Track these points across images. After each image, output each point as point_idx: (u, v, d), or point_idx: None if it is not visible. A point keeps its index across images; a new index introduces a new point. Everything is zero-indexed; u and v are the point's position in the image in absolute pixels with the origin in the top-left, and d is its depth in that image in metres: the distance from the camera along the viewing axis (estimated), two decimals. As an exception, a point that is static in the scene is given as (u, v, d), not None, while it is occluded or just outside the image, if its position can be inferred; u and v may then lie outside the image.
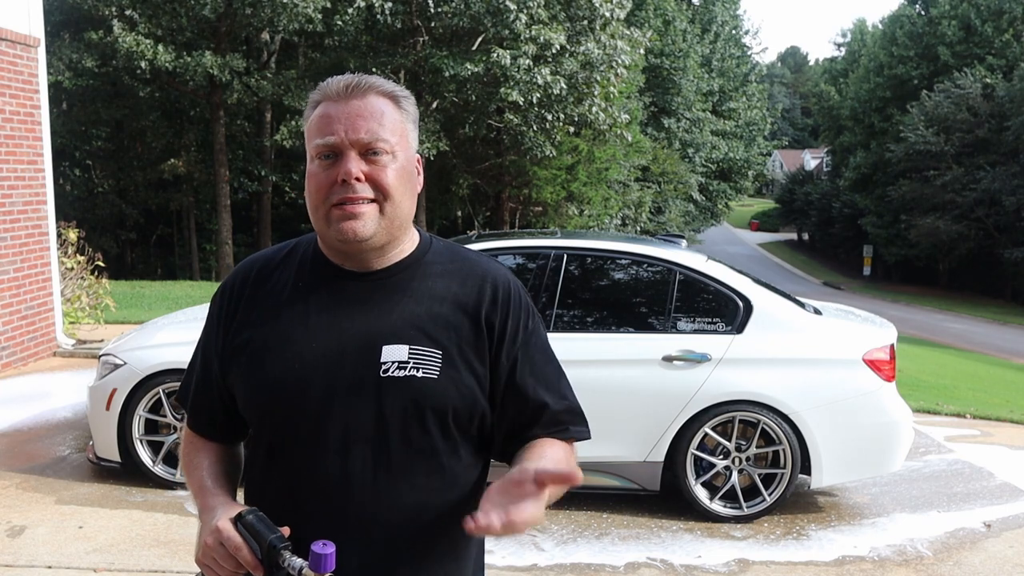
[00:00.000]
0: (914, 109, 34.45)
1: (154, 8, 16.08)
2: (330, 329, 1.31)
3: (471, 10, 15.89)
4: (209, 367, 1.41)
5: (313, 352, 1.30)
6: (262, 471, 1.37)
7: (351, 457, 1.28)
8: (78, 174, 22.51)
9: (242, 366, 1.34)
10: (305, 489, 1.30)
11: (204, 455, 1.43)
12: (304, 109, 1.38)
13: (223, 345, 1.38)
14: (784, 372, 4.43)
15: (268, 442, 1.35)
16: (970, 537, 4.45)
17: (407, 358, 1.28)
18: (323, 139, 1.27)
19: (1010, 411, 8.36)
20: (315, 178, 1.28)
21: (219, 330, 1.39)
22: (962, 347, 19.13)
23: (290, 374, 1.30)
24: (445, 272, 1.37)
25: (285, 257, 1.41)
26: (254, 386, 1.33)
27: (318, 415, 1.29)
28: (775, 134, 50.29)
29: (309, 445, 1.29)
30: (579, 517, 4.48)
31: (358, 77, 1.31)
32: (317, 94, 1.32)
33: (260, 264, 1.42)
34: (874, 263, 41.73)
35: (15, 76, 7.24)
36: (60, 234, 8.51)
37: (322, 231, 1.31)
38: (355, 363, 1.29)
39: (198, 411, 1.45)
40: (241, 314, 1.37)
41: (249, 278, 1.40)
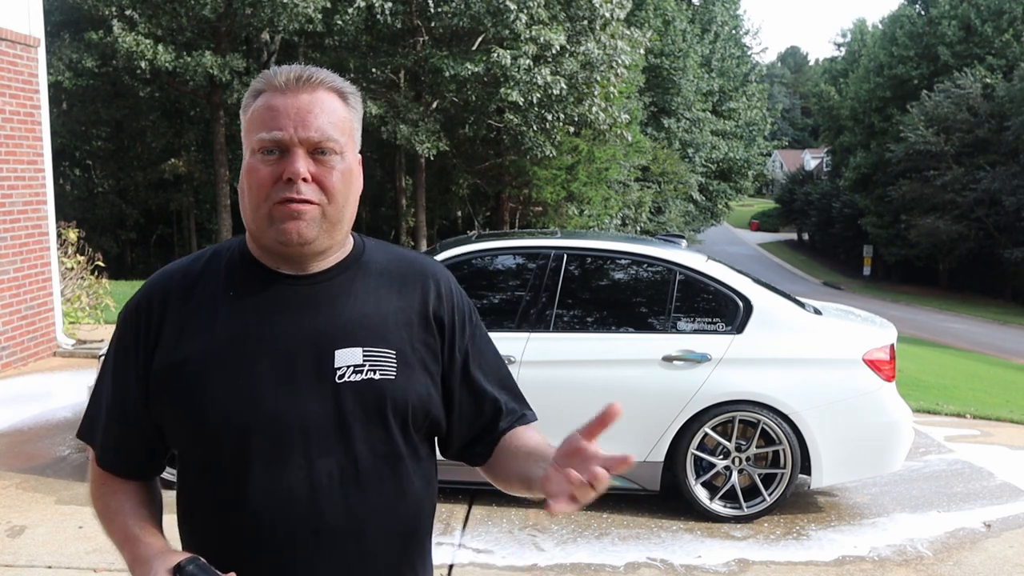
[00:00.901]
0: (914, 109, 34.45)
1: (154, 8, 16.08)
2: (276, 339, 1.21)
3: (471, 10, 15.89)
4: (125, 397, 1.26)
5: (261, 365, 1.20)
6: (205, 504, 1.24)
7: (316, 471, 1.20)
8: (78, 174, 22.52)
9: (177, 391, 1.21)
10: (269, 512, 1.20)
11: (123, 497, 1.29)
12: None
13: (145, 371, 1.24)
14: (784, 372, 4.44)
15: (215, 470, 1.22)
16: (970, 537, 4.45)
17: (362, 360, 1.23)
18: (269, 133, 1.18)
19: (1010, 411, 8.36)
20: (256, 174, 1.18)
21: (137, 355, 1.24)
22: (962, 347, 19.13)
23: (239, 392, 1.19)
24: (385, 271, 1.32)
25: (206, 266, 1.28)
26: (196, 411, 1.20)
27: (276, 431, 1.19)
28: (775, 134, 50.28)
29: (270, 465, 1.19)
30: (579, 517, 4.48)
31: (307, 69, 1.22)
32: (260, 82, 1.23)
33: (179, 276, 1.28)
34: (874, 263, 41.73)
35: (15, 76, 7.24)
36: (60, 234, 8.51)
37: (259, 232, 1.21)
38: (308, 371, 1.21)
39: (112, 448, 1.29)
40: (167, 334, 1.23)
41: (170, 293, 1.26)
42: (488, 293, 4.82)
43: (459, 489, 4.68)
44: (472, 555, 3.97)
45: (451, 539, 4.14)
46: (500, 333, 4.48)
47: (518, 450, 1.33)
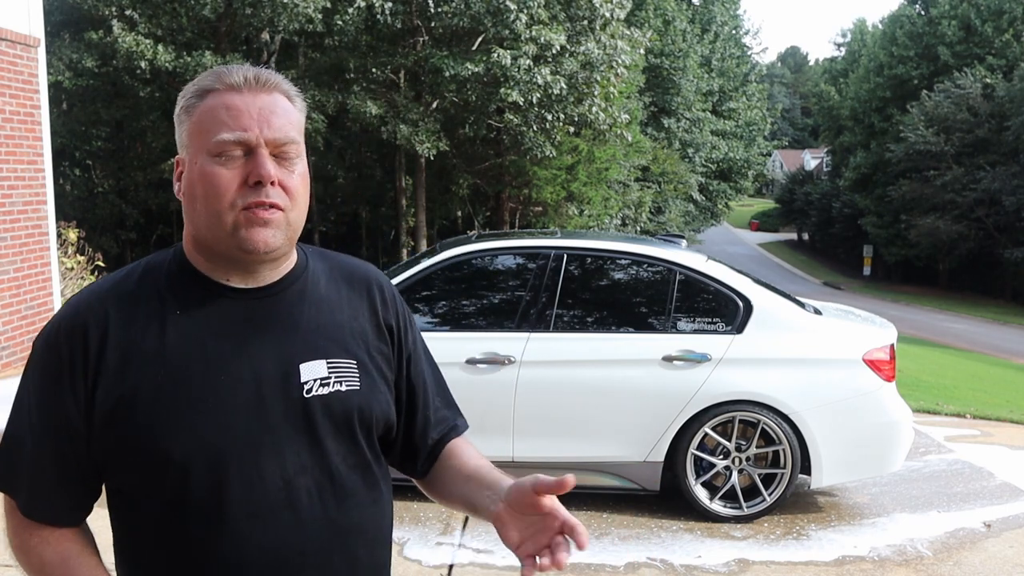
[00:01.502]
0: (914, 109, 34.46)
1: (154, 8, 16.09)
2: (236, 358, 1.15)
3: (471, 10, 15.89)
4: (60, 435, 1.13)
5: (224, 386, 1.13)
6: (170, 540, 1.14)
7: (296, 492, 1.16)
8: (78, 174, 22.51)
9: (132, 424, 1.11)
10: (253, 539, 1.14)
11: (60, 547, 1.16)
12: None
13: (87, 405, 1.12)
14: (784, 372, 4.44)
15: (184, 503, 1.13)
16: (970, 537, 4.45)
17: (327, 373, 1.19)
18: (232, 133, 1.10)
19: (1010, 411, 8.36)
20: (215, 178, 1.11)
21: (74, 386, 1.12)
22: (962, 347, 19.13)
23: (206, 419, 1.12)
24: (331, 279, 1.28)
25: (141, 282, 1.18)
26: (158, 444, 1.11)
27: (251, 455, 1.13)
28: (775, 134, 50.30)
29: (249, 490, 1.13)
30: (579, 517, 4.45)
31: (259, 70, 1.17)
32: (208, 80, 1.15)
33: (112, 295, 1.17)
34: (874, 263, 41.74)
35: (15, 76, 7.24)
36: (60, 234, 8.51)
37: (217, 240, 1.14)
38: (274, 388, 1.15)
39: (45, 494, 1.16)
40: (110, 361, 1.12)
41: (106, 315, 1.14)
42: (488, 293, 4.82)
43: (459, 489, 4.68)
44: (472, 555, 3.97)
45: (451, 539, 4.14)
46: (500, 333, 4.48)
47: (459, 470, 1.33)
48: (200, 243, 1.17)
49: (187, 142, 1.16)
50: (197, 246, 1.18)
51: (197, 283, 1.18)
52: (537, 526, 1.18)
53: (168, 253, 1.22)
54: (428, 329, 4.55)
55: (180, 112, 1.18)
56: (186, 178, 1.16)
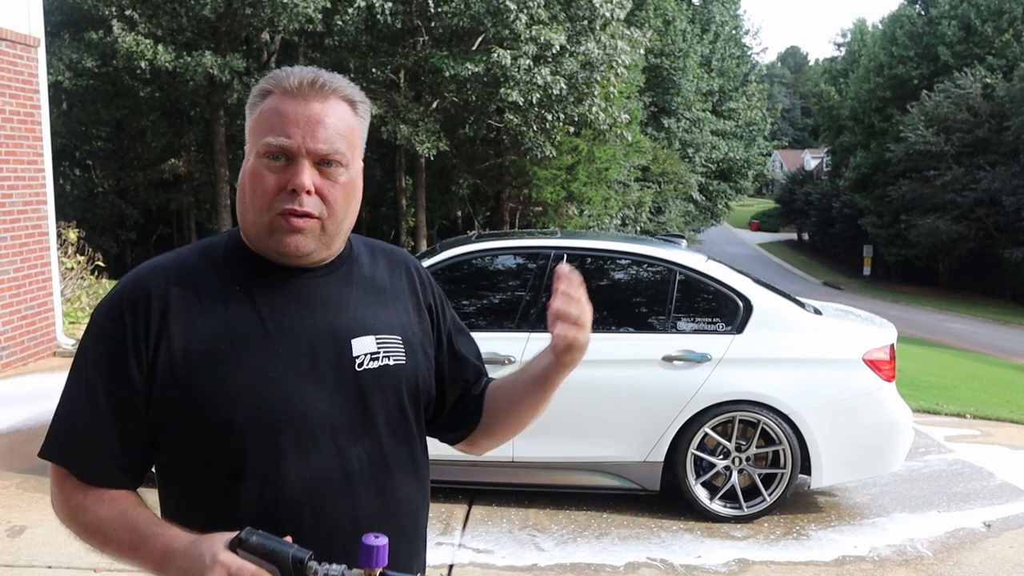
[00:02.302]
0: (914, 109, 34.46)
1: (154, 8, 16.07)
2: (292, 331, 1.21)
3: (471, 10, 15.88)
4: (121, 400, 1.18)
5: (283, 357, 1.19)
6: (224, 504, 1.18)
7: (349, 460, 1.22)
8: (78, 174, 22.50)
9: (194, 389, 1.16)
10: (309, 504, 1.19)
11: (116, 504, 1.18)
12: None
13: (148, 369, 1.17)
14: (784, 372, 4.44)
15: (240, 468, 1.18)
16: (970, 537, 4.45)
17: (376, 348, 1.26)
18: (276, 139, 1.16)
19: (1010, 411, 8.36)
20: (260, 179, 1.18)
21: (136, 353, 1.17)
22: (962, 347, 19.13)
23: (266, 387, 1.18)
24: (374, 262, 1.36)
25: (202, 259, 1.25)
26: (219, 409, 1.16)
27: (307, 424, 1.19)
28: (775, 134, 50.31)
29: (304, 458, 1.19)
30: (579, 517, 4.48)
31: (320, 74, 1.21)
32: (270, 82, 1.21)
33: (173, 270, 1.23)
34: (874, 263, 41.74)
35: (15, 76, 7.24)
36: (60, 234, 8.51)
37: (259, 237, 1.21)
38: (329, 362, 1.22)
39: (102, 459, 1.19)
40: (171, 327, 1.18)
41: (165, 286, 1.20)
42: (488, 293, 4.82)
43: (459, 489, 4.68)
44: (472, 555, 3.97)
45: (451, 539, 4.14)
46: (500, 333, 4.48)
47: (506, 386, 1.44)
48: (248, 235, 1.24)
49: (247, 138, 1.23)
50: (247, 236, 1.25)
51: (253, 262, 1.24)
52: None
53: (224, 236, 1.29)
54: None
55: (247, 108, 1.25)
56: (241, 171, 1.23)
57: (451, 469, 4.51)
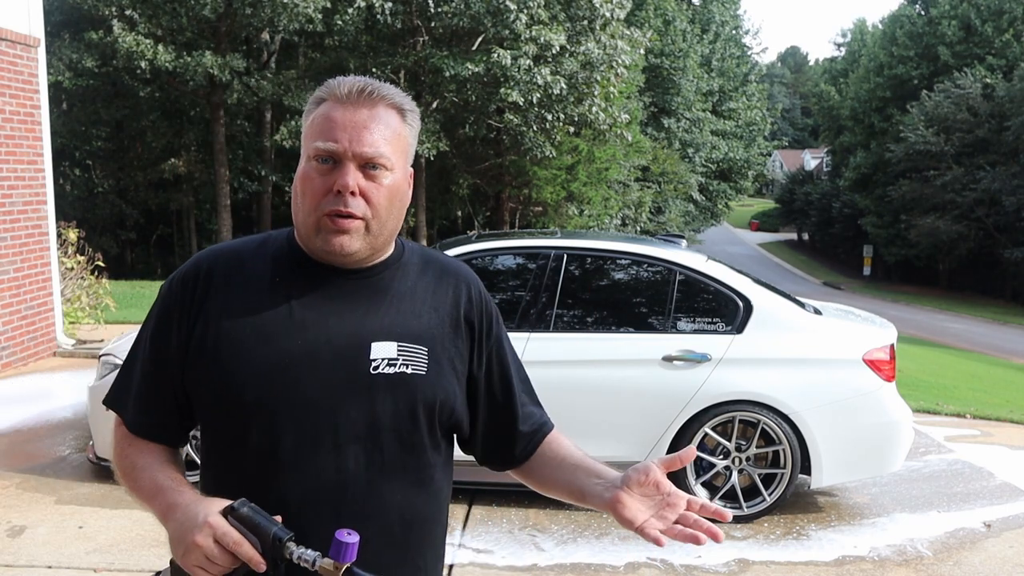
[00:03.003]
0: (914, 109, 34.46)
1: (154, 8, 16.08)
2: (316, 326, 1.27)
3: (471, 10, 15.89)
4: (161, 361, 1.31)
5: (300, 348, 1.25)
6: (231, 476, 1.28)
7: (344, 456, 1.25)
8: (78, 174, 22.50)
9: (215, 361, 1.26)
10: (297, 490, 1.24)
11: (151, 455, 1.32)
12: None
13: (187, 339, 1.28)
14: (784, 372, 4.43)
15: (243, 445, 1.26)
16: (970, 537, 4.45)
17: (396, 355, 1.29)
18: (324, 143, 1.23)
19: (1010, 411, 8.36)
20: (310, 181, 1.25)
21: (180, 321, 1.29)
22: (962, 347, 19.13)
23: (276, 370, 1.24)
24: (421, 273, 1.39)
25: (257, 250, 1.35)
26: (231, 383, 1.25)
27: (309, 415, 1.24)
28: (775, 134, 50.28)
29: (300, 446, 1.24)
30: (579, 517, 4.48)
31: (370, 83, 1.27)
32: (324, 91, 1.28)
33: (228, 254, 1.35)
34: (874, 263, 41.74)
35: (15, 76, 7.24)
36: (60, 234, 8.51)
37: (307, 236, 1.28)
38: (345, 360, 1.26)
39: (144, 413, 1.33)
40: (211, 305, 1.28)
41: (216, 268, 1.32)
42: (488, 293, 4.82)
43: (459, 489, 4.68)
44: (472, 555, 3.97)
45: (451, 539, 4.14)
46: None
47: (563, 460, 1.47)
48: (299, 234, 1.32)
49: (302, 143, 1.31)
50: (298, 234, 1.33)
51: (300, 259, 1.32)
52: (660, 504, 1.33)
53: (285, 231, 1.38)
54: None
55: (303, 116, 1.33)
56: (296, 174, 1.30)
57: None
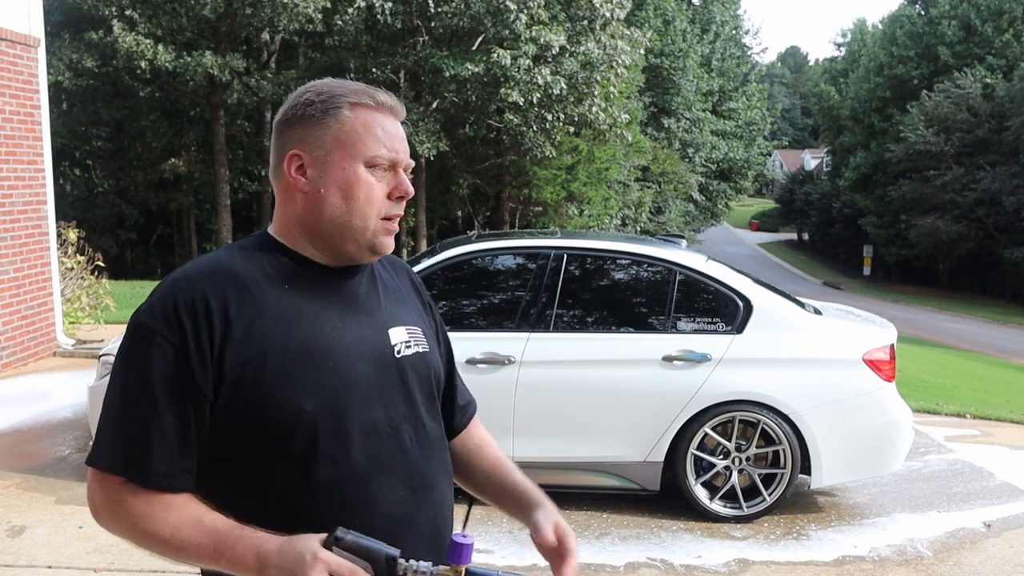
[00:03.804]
0: (914, 109, 34.47)
1: (154, 8, 16.08)
2: (342, 324, 1.32)
3: (471, 10, 15.89)
4: (184, 406, 1.21)
5: (337, 348, 1.29)
6: (290, 485, 1.25)
7: (401, 435, 1.33)
8: (78, 174, 22.51)
9: (261, 387, 1.22)
10: (376, 480, 1.28)
11: (187, 508, 1.21)
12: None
13: (215, 374, 1.21)
14: (784, 372, 4.43)
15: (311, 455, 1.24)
16: (970, 537, 4.45)
17: (407, 337, 1.39)
18: (387, 152, 1.30)
19: (1010, 411, 8.36)
20: (371, 187, 1.30)
21: (200, 358, 1.21)
22: (962, 347, 19.13)
23: (328, 376, 1.27)
24: (382, 265, 1.48)
25: (245, 262, 1.30)
26: (288, 401, 1.23)
27: (365, 408, 1.30)
28: (775, 134, 50.30)
29: (368, 437, 1.29)
30: (579, 517, 4.48)
31: (395, 97, 1.35)
32: (355, 96, 1.31)
33: (224, 274, 1.28)
34: (874, 263, 41.74)
35: (15, 76, 7.24)
36: (60, 234, 8.51)
37: (353, 238, 1.31)
38: (375, 350, 1.34)
39: (177, 462, 1.22)
40: (234, 333, 1.23)
41: (221, 291, 1.25)
42: (488, 293, 4.82)
43: (459, 489, 4.67)
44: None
45: (451, 539, 4.14)
46: (500, 333, 4.48)
47: (482, 459, 1.57)
48: (318, 232, 1.32)
49: (331, 146, 1.30)
50: (306, 233, 1.33)
51: (296, 262, 1.33)
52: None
53: (256, 239, 1.37)
54: (428, 329, 4.55)
55: (318, 113, 1.31)
56: (331, 178, 1.30)
57: (451, 469, 4.51)
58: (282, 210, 1.35)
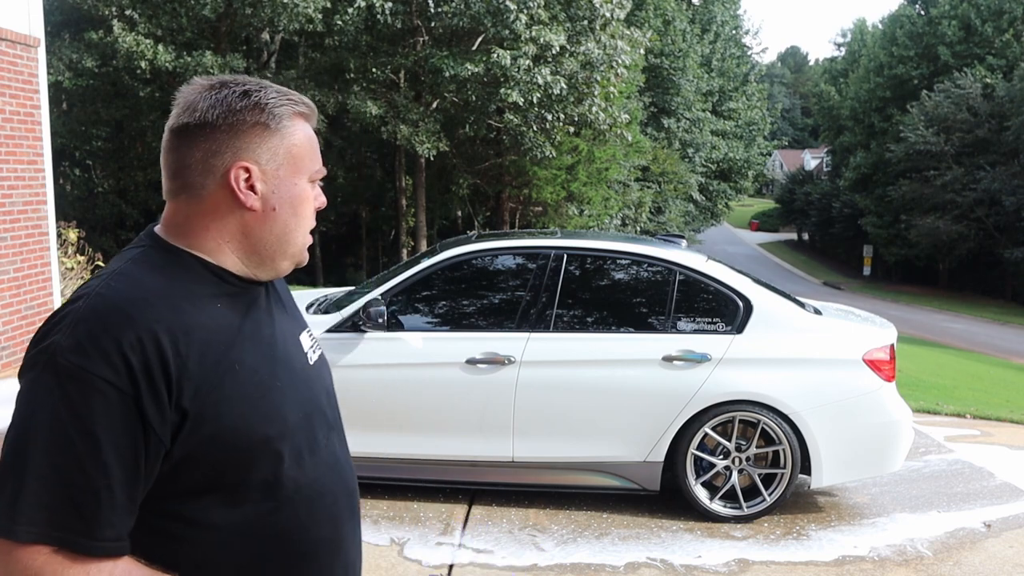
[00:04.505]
0: (914, 109, 34.46)
1: (154, 8, 16.09)
2: (274, 337, 1.27)
3: (471, 10, 15.88)
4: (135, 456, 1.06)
5: (278, 364, 1.24)
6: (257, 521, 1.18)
7: (331, 444, 1.33)
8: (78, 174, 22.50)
9: (226, 419, 1.12)
10: (319, 497, 1.26)
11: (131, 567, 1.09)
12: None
13: (174, 414, 1.08)
14: (784, 372, 4.43)
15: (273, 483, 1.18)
16: (970, 537, 4.45)
17: (311, 343, 1.40)
18: (319, 167, 1.28)
19: (1010, 411, 8.36)
20: (311, 203, 1.28)
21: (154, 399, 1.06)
22: (962, 347, 19.14)
23: (281, 396, 1.22)
24: None
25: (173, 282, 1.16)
26: (250, 425, 1.15)
27: (308, 421, 1.27)
28: (775, 134, 50.33)
29: (312, 454, 1.26)
30: (579, 517, 4.48)
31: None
32: (300, 107, 1.24)
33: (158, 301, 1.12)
34: (874, 263, 41.74)
35: (15, 76, 7.24)
36: (60, 234, 8.51)
37: (290, 252, 1.27)
38: (300, 360, 1.32)
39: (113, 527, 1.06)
40: (189, 364, 1.10)
41: (167, 320, 1.10)
42: (488, 293, 4.82)
43: (459, 489, 4.68)
44: (472, 555, 3.97)
45: (451, 539, 4.14)
46: (500, 333, 4.48)
47: None
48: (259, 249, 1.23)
49: (283, 160, 1.21)
50: (242, 248, 1.22)
51: (222, 278, 1.22)
52: None
53: (164, 253, 1.20)
54: (428, 329, 4.55)
55: (269, 120, 1.19)
56: (280, 194, 1.22)
57: (451, 469, 4.51)
58: (205, 224, 1.19)
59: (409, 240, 21.22)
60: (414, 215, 19.96)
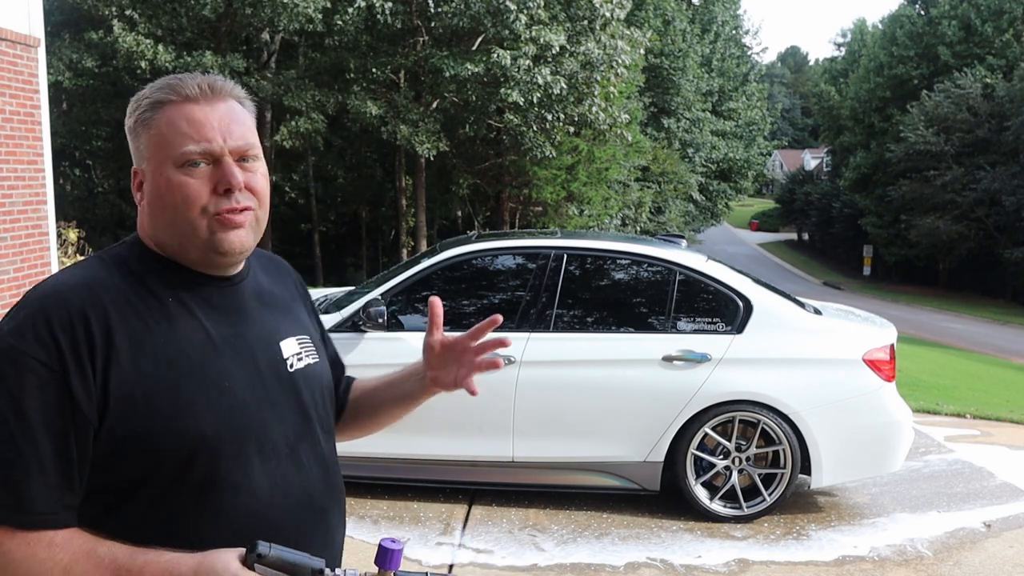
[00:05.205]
0: (914, 109, 34.45)
1: (154, 8, 16.08)
2: (235, 339, 1.23)
3: (471, 10, 15.88)
4: (64, 433, 1.08)
5: (231, 365, 1.20)
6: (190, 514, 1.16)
7: (298, 455, 1.26)
8: (78, 174, 22.51)
9: (155, 413, 1.11)
10: (277, 504, 1.21)
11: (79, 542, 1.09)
12: (304, 110, 1.33)
13: (99, 397, 1.09)
14: (784, 372, 4.43)
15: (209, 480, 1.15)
16: (970, 537, 4.45)
17: (298, 348, 1.33)
18: (198, 145, 1.16)
19: (1010, 411, 8.36)
20: (185, 188, 1.16)
21: (81, 380, 1.08)
22: (962, 347, 19.13)
23: (225, 397, 1.18)
24: (264, 269, 1.41)
25: (119, 274, 1.19)
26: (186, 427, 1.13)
27: (263, 428, 1.21)
28: (775, 134, 50.33)
29: (264, 462, 1.20)
30: (579, 517, 4.48)
31: (215, 77, 1.22)
32: (163, 93, 1.19)
33: (98, 288, 1.15)
34: (874, 263, 41.73)
35: (15, 76, 7.24)
36: (60, 234, 8.51)
37: (193, 246, 1.20)
38: (269, 365, 1.26)
39: (45, 501, 1.08)
40: (119, 351, 1.11)
41: (98, 306, 1.12)
42: (488, 293, 4.82)
43: (459, 489, 4.68)
44: (472, 555, 3.97)
45: (451, 539, 4.14)
46: (499, 333, 4.47)
47: (374, 389, 1.56)
48: (166, 244, 1.22)
49: (148, 154, 1.20)
50: (160, 243, 1.23)
51: (178, 273, 1.23)
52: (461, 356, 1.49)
53: (125, 247, 1.25)
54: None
55: (135, 125, 1.22)
56: (150, 189, 1.21)
57: (451, 469, 4.51)
58: (143, 223, 1.26)
59: (409, 240, 21.22)
60: (414, 215, 19.96)
